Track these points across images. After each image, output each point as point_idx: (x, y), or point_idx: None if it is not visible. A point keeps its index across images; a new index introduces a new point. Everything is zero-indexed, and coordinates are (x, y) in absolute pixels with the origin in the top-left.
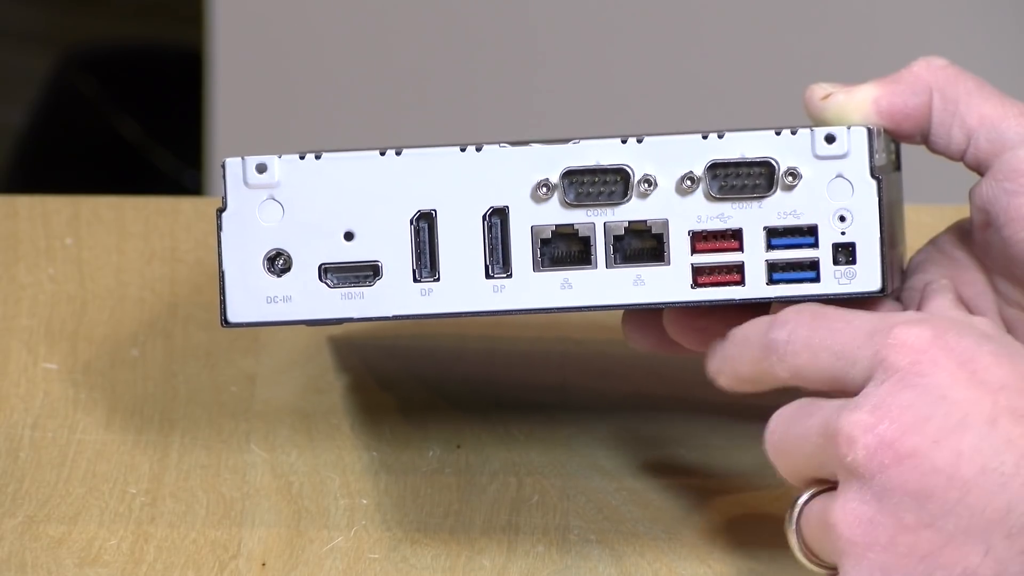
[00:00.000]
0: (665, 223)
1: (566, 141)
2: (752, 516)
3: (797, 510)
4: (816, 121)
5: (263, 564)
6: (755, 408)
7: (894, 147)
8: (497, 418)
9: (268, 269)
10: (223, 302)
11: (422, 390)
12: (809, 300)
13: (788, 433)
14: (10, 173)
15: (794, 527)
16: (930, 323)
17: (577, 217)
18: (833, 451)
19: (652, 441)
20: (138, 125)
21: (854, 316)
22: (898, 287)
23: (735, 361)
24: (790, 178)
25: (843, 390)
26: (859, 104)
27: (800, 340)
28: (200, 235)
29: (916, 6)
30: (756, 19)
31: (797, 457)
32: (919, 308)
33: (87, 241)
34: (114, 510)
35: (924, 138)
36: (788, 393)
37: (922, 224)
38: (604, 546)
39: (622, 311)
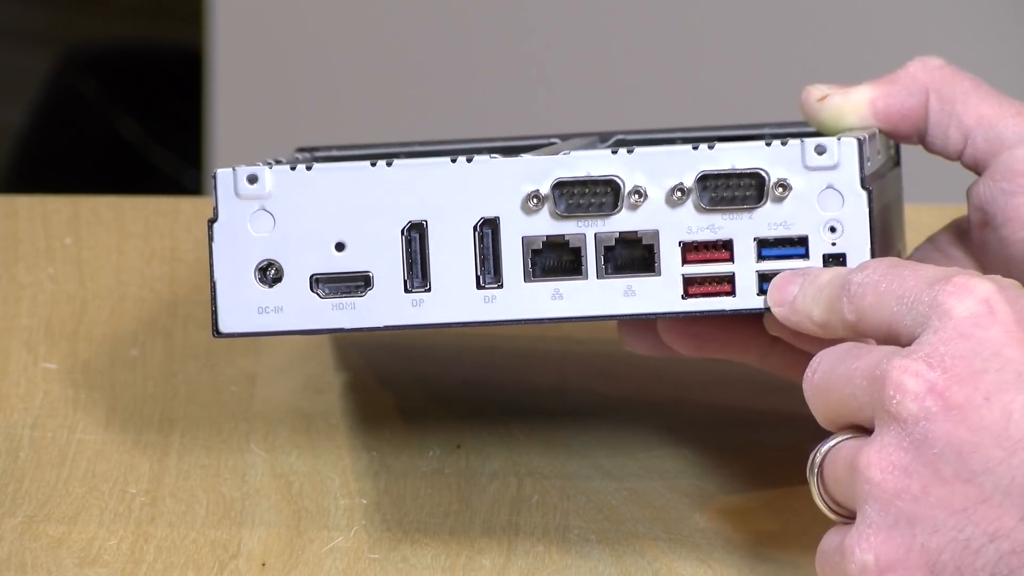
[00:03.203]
0: (656, 234)
1: (556, 152)
2: (752, 517)
3: (822, 454)
4: (812, 122)
5: (263, 564)
6: (755, 409)
7: (893, 143)
8: (497, 418)
9: (259, 279)
10: (215, 312)
11: (422, 390)
12: None
13: (832, 372)
14: (10, 173)
15: (817, 470)
16: (991, 278)
17: (568, 228)
18: (878, 395)
19: (652, 441)
20: (138, 125)
21: (923, 267)
22: None
23: (812, 301)
24: (780, 189)
25: (896, 339)
26: (855, 105)
27: (871, 283)
28: (200, 235)
29: (915, 6)
30: (753, 19)
31: (837, 397)
32: None
33: (87, 241)
34: (114, 510)
35: (921, 138)
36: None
37: (922, 224)
38: (604, 546)
39: None
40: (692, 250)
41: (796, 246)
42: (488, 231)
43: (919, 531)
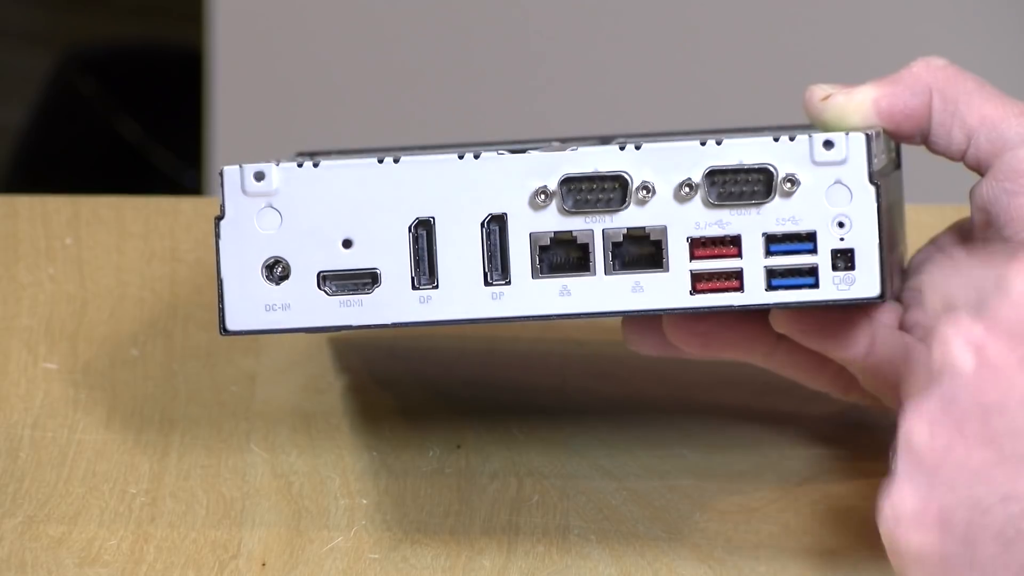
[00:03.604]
0: (664, 230)
1: (564, 148)
2: (752, 517)
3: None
4: (815, 122)
5: (263, 564)
6: (754, 409)
7: (894, 145)
8: (497, 418)
9: (266, 277)
10: (222, 310)
11: (422, 390)
12: (807, 306)
13: (890, 340)
14: (10, 173)
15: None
16: None
17: (575, 224)
18: (928, 351)
19: (652, 441)
20: (138, 125)
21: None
22: (898, 287)
23: None
24: (788, 184)
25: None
26: (859, 105)
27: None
28: (200, 235)
29: (916, 6)
30: (755, 19)
31: (893, 366)
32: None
33: (87, 241)
34: (114, 510)
35: (924, 138)
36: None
37: (922, 224)
38: (604, 546)
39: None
40: (700, 246)
41: (804, 241)
42: (496, 228)
43: (936, 488)
